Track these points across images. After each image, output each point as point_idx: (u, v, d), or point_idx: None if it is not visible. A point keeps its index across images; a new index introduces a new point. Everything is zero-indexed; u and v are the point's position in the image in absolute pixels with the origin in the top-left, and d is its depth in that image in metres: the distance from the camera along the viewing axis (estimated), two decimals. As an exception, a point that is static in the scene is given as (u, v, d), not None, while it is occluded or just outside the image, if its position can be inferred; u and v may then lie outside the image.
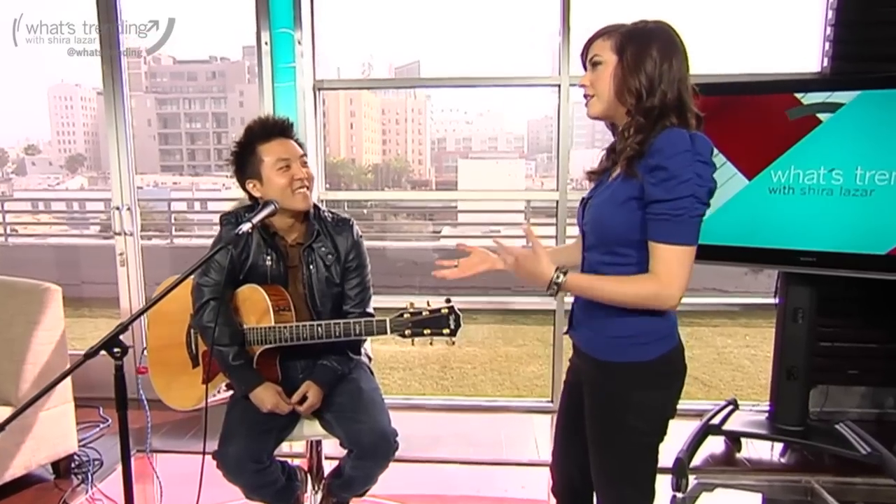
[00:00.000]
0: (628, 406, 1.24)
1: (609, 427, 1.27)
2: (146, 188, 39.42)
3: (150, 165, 52.04)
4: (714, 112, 2.37)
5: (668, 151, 1.11)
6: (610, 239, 1.22)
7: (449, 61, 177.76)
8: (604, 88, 1.23)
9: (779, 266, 2.46)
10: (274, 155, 1.66)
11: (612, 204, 1.21)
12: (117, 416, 1.29)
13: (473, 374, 4.20)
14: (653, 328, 1.22)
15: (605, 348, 1.26)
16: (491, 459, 2.57)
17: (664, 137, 1.13)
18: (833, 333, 2.81)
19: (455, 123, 64.53)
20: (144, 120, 52.69)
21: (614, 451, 1.28)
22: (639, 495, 1.31)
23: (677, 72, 1.18)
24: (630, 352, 1.23)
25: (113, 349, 1.25)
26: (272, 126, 1.70)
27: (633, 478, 1.30)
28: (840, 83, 2.28)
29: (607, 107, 1.25)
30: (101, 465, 2.48)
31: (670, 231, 1.12)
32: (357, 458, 1.62)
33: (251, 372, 1.64)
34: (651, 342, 1.23)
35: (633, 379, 1.24)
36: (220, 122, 53.53)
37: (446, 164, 59.93)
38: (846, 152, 2.19)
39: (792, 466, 2.54)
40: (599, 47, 1.24)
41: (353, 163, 53.10)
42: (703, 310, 5.13)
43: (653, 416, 1.26)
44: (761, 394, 3.45)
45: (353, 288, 1.76)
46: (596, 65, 1.24)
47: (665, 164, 1.10)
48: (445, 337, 1.44)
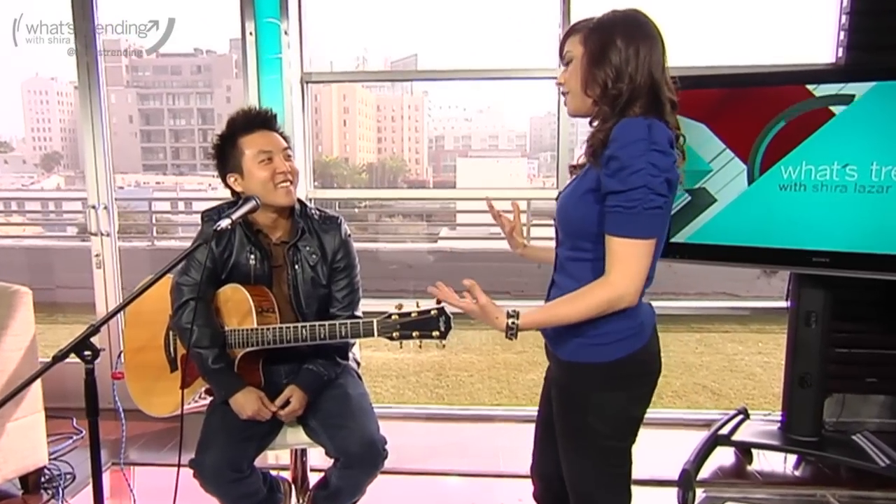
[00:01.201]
0: (588, 407, 1.28)
1: (571, 429, 1.32)
2: (128, 188, 39.35)
3: (132, 164, 52.01)
4: (721, 105, 2.39)
5: (621, 141, 1.13)
6: (572, 232, 1.27)
7: (447, 55, 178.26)
8: (575, 84, 1.26)
9: (790, 267, 2.46)
10: (255, 147, 1.66)
11: (573, 196, 1.25)
12: (88, 422, 1.29)
13: (470, 381, 4.19)
14: (615, 329, 1.24)
15: (568, 348, 1.29)
16: (487, 471, 2.57)
17: (620, 127, 1.15)
18: (849, 339, 2.81)
19: (454, 121, 64.64)
20: (125, 116, 52.69)
21: (578, 454, 1.32)
22: (610, 498, 1.34)
23: (646, 57, 1.19)
24: (590, 352, 1.26)
25: (83, 352, 1.25)
26: (255, 117, 1.71)
27: (600, 480, 1.33)
28: (854, 74, 2.29)
29: (581, 102, 1.27)
30: (73, 480, 2.47)
31: (624, 224, 1.14)
32: (344, 466, 1.62)
33: (232, 376, 1.64)
34: (612, 343, 1.25)
35: (592, 380, 1.28)
36: (206, 119, 53.56)
37: (444, 163, 59.99)
38: (861, 147, 2.19)
39: (806, 479, 2.53)
40: (571, 43, 1.27)
41: (347, 162, 53.11)
42: (713, 314, 5.13)
43: (614, 418, 1.28)
44: (774, 403, 3.45)
45: (341, 290, 1.76)
46: (569, 62, 1.28)
47: (618, 154, 1.12)
48: (435, 339, 1.44)
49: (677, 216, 2.48)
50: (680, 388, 4.06)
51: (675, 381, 4.18)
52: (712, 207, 2.43)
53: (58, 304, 6.17)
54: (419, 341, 1.44)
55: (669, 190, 1.16)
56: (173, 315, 1.70)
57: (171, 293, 1.70)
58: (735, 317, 5.26)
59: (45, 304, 5.91)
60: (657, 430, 2.98)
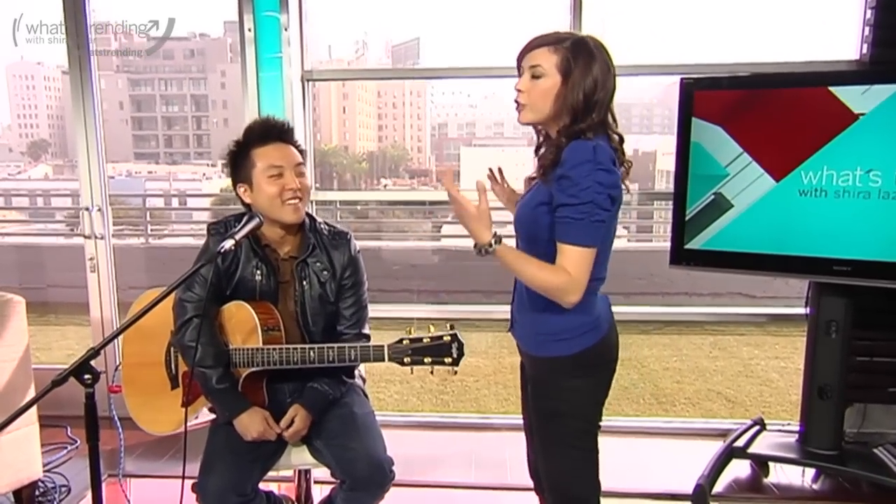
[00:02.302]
0: (560, 395, 1.47)
1: (546, 416, 1.50)
2: (118, 178, 39.34)
3: (123, 153, 51.96)
4: (739, 107, 2.38)
5: (571, 162, 1.31)
6: (526, 237, 1.46)
7: (451, 39, 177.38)
8: (544, 104, 1.39)
9: (810, 276, 2.46)
10: (267, 161, 1.67)
11: (528, 207, 1.44)
12: (88, 447, 1.30)
13: (476, 387, 4.21)
14: (574, 325, 1.44)
15: (535, 344, 1.50)
16: (495, 484, 2.59)
17: (569, 150, 1.33)
18: (871, 347, 2.81)
19: (457, 107, 64.36)
20: (116, 102, 52.58)
21: (554, 440, 1.50)
22: (582, 482, 1.52)
23: (609, 95, 1.39)
24: (556, 347, 1.45)
25: (83, 376, 1.26)
26: (270, 128, 1.72)
27: (574, 463, 1.50)
28: (879, 75, 2.28)
29: (542, 119, 1.42)
30: (68, 493, 2.49)
31: (572, 233, 1.32)
32: (349, 489, 1.64)
33: (236, 396, 1.66)
34: (573, 338, 1.44)
35: (561, 370, 1.47)
36: (200, 106, 53.45)
37: (447, 151, 59.80)
38: (885, 151, 2.19)
39: (825, 494, 2.55)
40: (543, 58, 1.37)
41: (346, 150, 52.99)
42: (727, 319, 5.14)
43: (582, 403, 1.48)
44: (791, 411, 3.46)
45: (349, 307, 1.77)
46: (537, 77, 1.38)
47: (569, 174, 1.31)
48: (447, 366, 1.46)
49: (692, 222, 2.49)
50: (693, 394, 4.07)
51: (688, 388, 4.19)
52: (729, 213, 2.43)
53: (49, 304, 6.18)
54: (431, 367, 1.46)
55: (612, 204, 1.35)
56: (176, 332, 1.71)
57: (174, 309, 1.71)
58: (751, 320, 5.27)
59: (35, 305, 5.88)
60: (671, 440, 3.00)
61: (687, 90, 2.45)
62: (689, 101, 2.44)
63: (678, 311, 3.13)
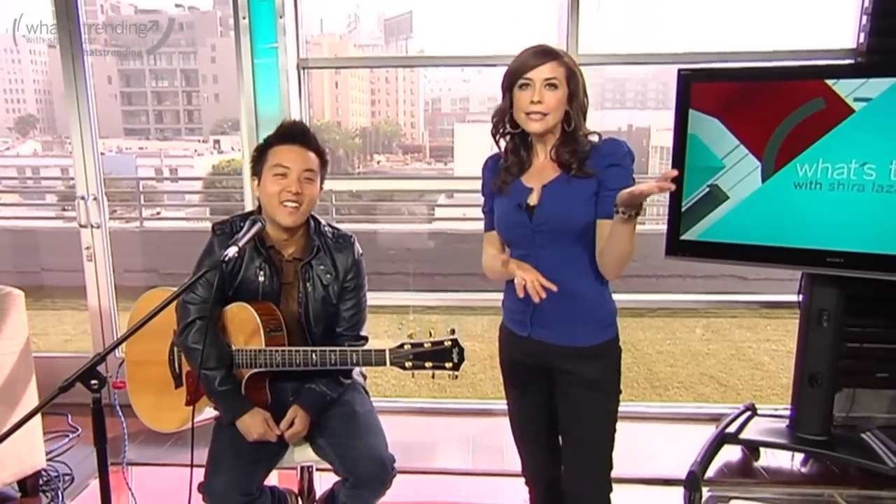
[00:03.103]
0: (612, 375, 1.62)
1: (600, 399, 1.60)
2: (109, 154, 38.82)
3: (113, 129, 51.27)
4: (734, 99, 2.39)
5: (617, 154, 1.50)
6: (575, 233, 1.51)
7: (445, 11, 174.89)
8: (559, 112, 1.50)
9: (803, 267, 2.50)
10: (276, 159, 1.69)
11: (576, 201, 1.50)
12: (96, 449, 1.32)
13: (472, 371, 4.26)
14: (614, 308, 1.62)
15: (588, 334, 1.57)
16: (492, 470, 2.64)
17: (608, 145, 1.53)
18: (860, 334, 2.87)
19: (451, 82, 63.67)
20: (104, 77, 51.77)
21: (605, 415, 1.61)
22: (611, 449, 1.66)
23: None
24: (607, 331, 1.59)
25: (90, 381, 1.28)
26: (289, 130, 1.75)
27: (612, 435, 1.63)
28: (875, 69, 2.29)
29: (555, 124, 1.52)
30: (71, 481, 2.53)
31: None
32: (352, 486, 1.68)
33: (238, 398, 1.68)
34: (614, 320, 1.62)
35: (609, 352, 1.61)
36: (190, 81, 52.68)
37: (441, 126, 59.37)
38: (880, 145, 2.21)
39: (814, 478, 2.61)
40: (554, 70, 1.48)
41: (339, 126, 52.50)
42: (721, 306, 5.19)
43: (620, 376, 1.64)
44: (782, 395, 3.53)
45: (349, 310, 1.80)
46: (555, 87, 1.48)
47: (620, 163, 1.50)
48: (448, 371, 1.49)
49: (688, 213, 2.51)
50: (686, 378, 4.14)
51: (681, 371, 4.26)
52: (724, 205, 2.45)
53: (45, 288, 6.15)
54: (432, 371, 1.48)
55: None
56: (180, 334, 1.73)
57: (177, 310, 1.73)
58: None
59: (31, 289, 5.85)
60: (664, 425, 3.06)
61: (684, 81, 2.45)
62: (687, 92, 2.45)
63: (672, 298, 3.16)
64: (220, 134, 40.19)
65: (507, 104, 1.54)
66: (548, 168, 1.54)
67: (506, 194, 1.59)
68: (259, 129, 2.82)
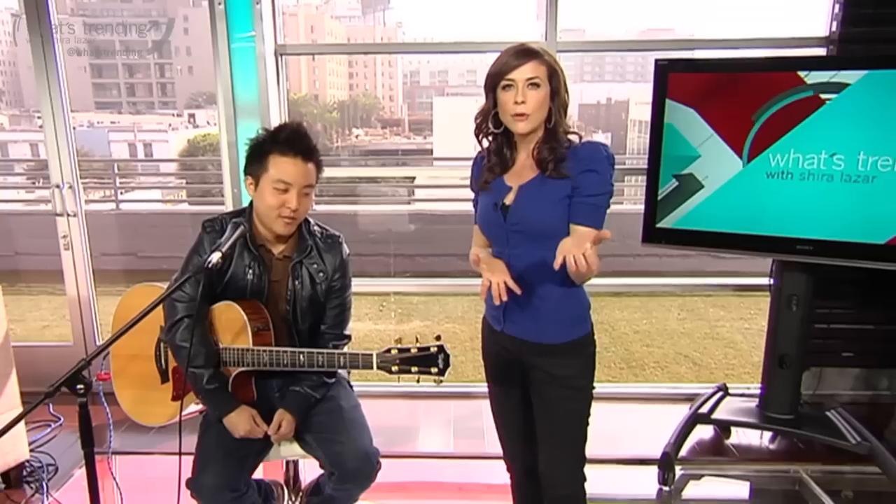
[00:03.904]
0: (584, 371, 1.65)
1: (571, 393, 1.64)
2: (80, 128, 37.70)
3: (84, 102, 49.86)
4: (710, 90, 2.42)
5: (593, 159, 1.51)
6: (547, 233, 1.51)
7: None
8: (542, 112, 1.52)
9: (774, 254, 2.57)
10: (278, 173, 1.67)
11: (549, 202, 1.52)
12: (83, 453, 1.34)
13: (453, 354, 4.27)
14: (587, 303, 1.64)
15: (561, 331, 1.60)
16: (474, 453, 2.70)
17: (586, 149, 1.53)
18: (828, 315, 2.97)
19: (429, 55, 62.90)
20: (72, 48, 50.20)
21: (574, 410, 1.66)
22: (585, 435, 1.70)
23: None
24: (579, 328, 1.62)
25: (76, 386, 1.29)
26: (297, 142, 1.69)
27: (584, 423, 1.67)
28: (846, 62, 2.33)
29: (538, 124, 1.53)
30: (55, 472, 2.53)
31: (597, 217, 1.50)
32: (339, 480, 1.72)
33: (226, 396, 1.70)
34: (588, 317, 1.64)
35: (583, 348, 1.64)
36: (163, 53, 51.36)
37: (420, 100, 58.70)
38: (849, 136, 2.27)
39: (781, 455, 2.73)
40: (535, 70, 1.49)
41: (317, 99, 51.66)
42: (696, 289, 5.29)
43: (593, 372, 1.67)
44: (754, 373, 3.63)
45: (333, 308, 1.82)
46: (537, 86, 1.49)
47: (596, 168, 1.50)
48: (433, 376, 1.52)
49: (664, 202, 2.56)
50: (662, 358, 4.23)
51: (657, 351, 4.36)
52: (699, 193, 2.50)
53: (19, 272, 6.02)
54: (417, 376, 1.52)
55: None
56: (167, 331, 1.74)
57: (164, 307, 1.73)
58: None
59: (5, 273, 5.79)
60: (640, 405, 3.15)
61: (661, 72, 2.47)
62: (664, 82, 2.47)
63: (649, 282, 3.24)
64: (194, 108, 39.33)
65: (490, 105, 1.55)
66: (527, 168, 1.56)
67: (487, 192, 1.62)
68: (237, 119, 2.80)
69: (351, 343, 1.91)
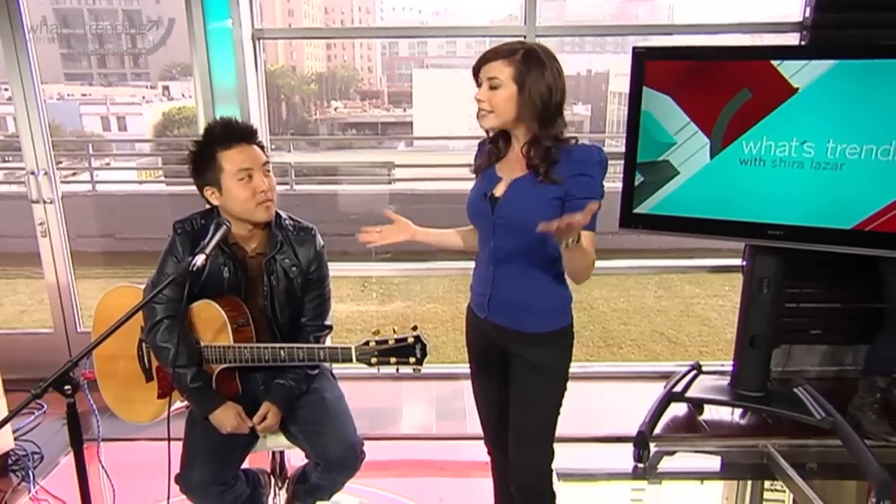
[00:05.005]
0: (558, 362, 1.69)
1: (543, 381, 1.69)
2: (50, 101, 36.52)
3: (53, 74, 48.47)
4: (686, 78, 2.46)
5: (587, 163, 1.51)
6: (531, 230, 1.49)
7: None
8: (505, 110, 1.52)
9: (745, 239, 2.64)
10: (235, 164, 1.67)
11: (539, 201, 1.53)
12: (73, 451, 1.36)
13: (435, 334, 4.36)
14: (568, 297, 1.68)
15: (541, 321, 1.64)
16: (455, 434, 2.76)
17: (580, 152, 1.53)
18: (798, 295, 3.06)
19: (408, 25, 61.74)
20: (38, 17, 48.57)
21: (545, 398, 1.69)
22: (554, 426, 1.74)
23: (562, 83, 1.53)
24: (559, 320, 1.66)
25: (63, 387, 1.31)
26: (234, 131, 1.70)
27: (554, 415, 1.71)
28: (817, 51, 2.37)
29: (504, 124, 1.55)
30: (41, 460, 2.54)
31: (592, 220, 1.47)
32: (324, 470, 1.77)
33: (210, 394, 1.73)
34: (569, 310, 1.69)
35: (561, 341, 1.69)
36: (134, 22, 49.95)
37: (399, 71, 57.88)
38: (820, 124, 2.32)
39: (750, 430, 2.83)
40: (498, 70, 1.50)
41: (294, 71, 50.68)
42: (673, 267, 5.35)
43: (568, 365, 1.71)
44: (727, 350, 3.74)
45: (313, 300, 1.84)
46: (495, 87, 1.51)
47: (589, 173, 1.51)
48: (412, 365, 1.56)
49: (641, 188, 2.60)
50: (638, 336, 4.33)
51: (633, 329, 4.45)
52: (675, 179, 2.55)
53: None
54: (396, 367, 1.56)
55: None
56: (147, 332, 1.75)
57: (143, 309, 1.74)
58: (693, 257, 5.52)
59: (-19, 257, 5.73)
60: (616, 383, 3.24)
61: (639, 59, 2.50)
62: (641, 70, 2.50)
63: (626, 264, 3.30)
64: (168, 79, 38.38)
65: None
66: (519, 163, 1.57)
67: (479, 179, 1.66)
68: (216, 104, 2.77)
69: (333, 323, 1.93)
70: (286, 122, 34.26)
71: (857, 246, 2.38)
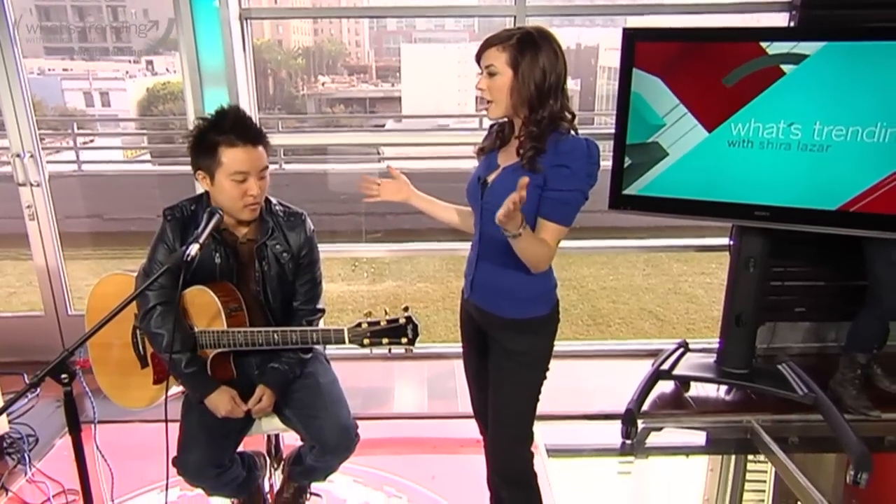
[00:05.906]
0: (531, 349, 1.69)
1: (515, 368, 1.69)
2: (30, 76, 35.79)
3: (32, 48, 47.39)
4: (676, 59, 2.46)
5: (571, 155, 1.49)
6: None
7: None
8: (502, 98, 1.52)
9: (733, 220, 2.68)
10: (234, 164, 1.65)
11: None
12: (70, 438, 1.38)
13: (426, 314, 4.39)
14: (548, 288, 1.67)
15: (513, 308, 1.64)
16: (447, 413, 2.81)
17: (567, 143, 1.50)
18: (783, 273, 3.11)
19: (396, 5, 60.77)
20: (17, -10, 47.28)
21: (525, 386, 1.70)
22: (531, 415, 1.75)
23: (561, 81, 1.52)
24: (533, 308, 1.65)
25: (60, 375, 1.32)
26: (244, 130, 1.67)
27: (531, 403, 1.72)
28: (806, 33, 2.38)
29: (506, 112, 1.55)
30: (36, 442, 2.56)
31: (559, 213, 1.51)
32: (319, 453, 1.80)
33: (205, 378, 1.74)
34: (547, 300, 1.67)
35: (536, 329, 1.67)
36: (115, -6, 48.82)
37: (387, 45, 57.11)
38: (807, 106, 2.34)
39: (736, 406, 2.89)
40: (494, 57, 1.51)
41: (280, 45, 49.86)
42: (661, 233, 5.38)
43: (546, 354, 1.71)
44: (713, 327, 3.80)
45: (304, 284, 1.85)
46: (493, 75, 1.51)
47: (569, 165, 1.48)
48: (404, 346, 1.58)
49: (630, 169, 2.62)
50: (627, 314, 4.37)
51: (622, 307, 4.50)
52: (664, 161, 2.57)
53: (-17, 237, 5.89)
54: (388, 347, 1.58)
55: (589, 192, 1.54)
56: (141, 319, 1.76)
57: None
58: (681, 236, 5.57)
59: (-35, 237, 5.63)
60: (605, 361, 3.29)
61: (629, 41, 2.50)
62: (631, 51, 2.50)
63: (614, 244, 3.32)
64: (153, 54, 37.66)
65: None
66: (515, 150, 1.56)
67: (481, 162, 1.68)
68: (203, 85, 2.75)
69: (325, 303, 1.94)
70: (273, 98, 33.73)
71: (842, 227, 2.42)
